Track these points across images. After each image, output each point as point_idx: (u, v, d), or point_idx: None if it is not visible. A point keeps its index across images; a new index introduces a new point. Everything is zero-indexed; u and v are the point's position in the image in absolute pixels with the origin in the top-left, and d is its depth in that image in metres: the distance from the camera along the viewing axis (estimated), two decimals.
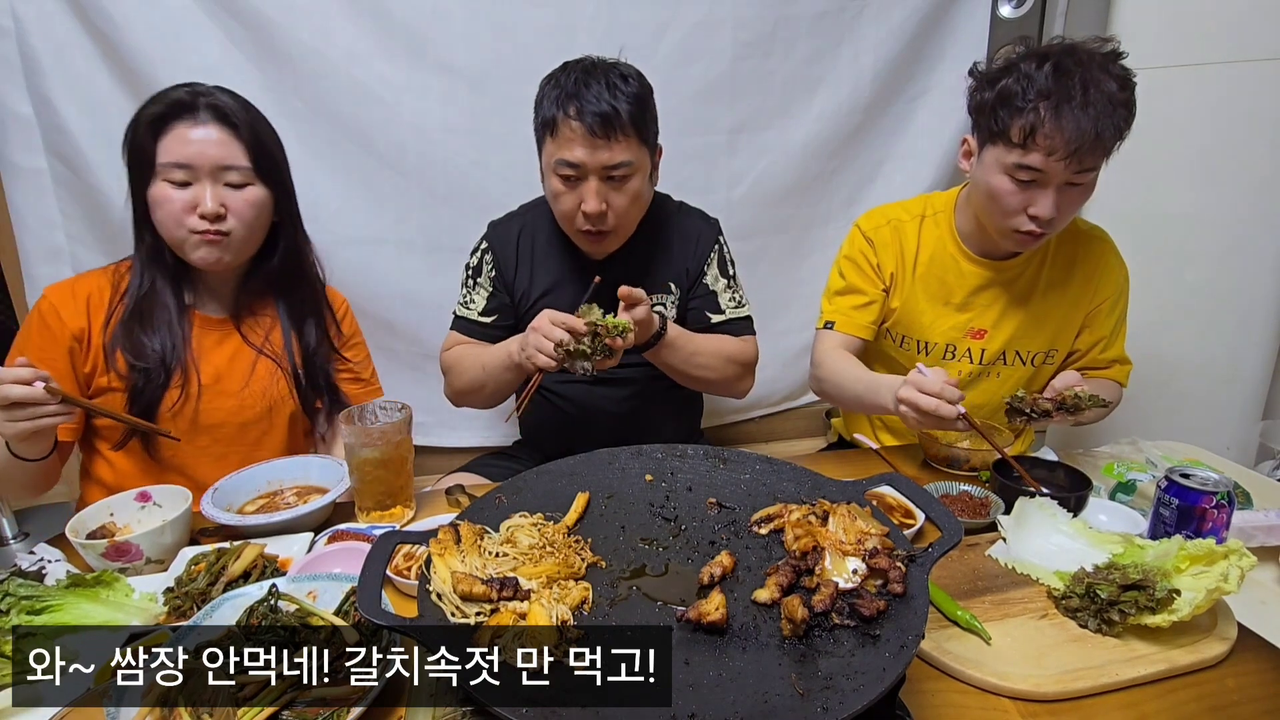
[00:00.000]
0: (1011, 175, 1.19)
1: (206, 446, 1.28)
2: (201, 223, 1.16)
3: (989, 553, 1.00)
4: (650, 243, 1.45)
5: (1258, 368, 2.03)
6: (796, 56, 2.08)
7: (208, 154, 1.16)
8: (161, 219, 1.18)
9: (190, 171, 1.15)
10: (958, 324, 1.41)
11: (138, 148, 1.17)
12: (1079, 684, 0.76)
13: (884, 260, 1.43)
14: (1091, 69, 1.13)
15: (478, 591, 0.69)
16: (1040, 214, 1.18)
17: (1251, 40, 1.82)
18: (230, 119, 1.18)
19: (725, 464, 0.90)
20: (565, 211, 1.32)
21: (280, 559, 0.99)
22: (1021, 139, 1.15)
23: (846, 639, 0.64)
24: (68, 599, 0.85)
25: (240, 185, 1.19)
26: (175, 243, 1.19)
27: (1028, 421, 1.20)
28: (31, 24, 1.75)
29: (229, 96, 1.20)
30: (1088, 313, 1.39)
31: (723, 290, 1.49)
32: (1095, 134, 1.11)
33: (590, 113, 1.21)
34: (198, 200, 1.15)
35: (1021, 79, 1.15)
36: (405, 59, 1.92)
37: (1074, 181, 1.17)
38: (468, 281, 1.51)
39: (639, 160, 1.28)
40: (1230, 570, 0.82)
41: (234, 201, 1.18)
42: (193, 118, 1.16)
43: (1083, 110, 1.10)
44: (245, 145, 1.19)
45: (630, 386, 1.50)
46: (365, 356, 1.49)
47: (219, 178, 1.17)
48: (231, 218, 1.18)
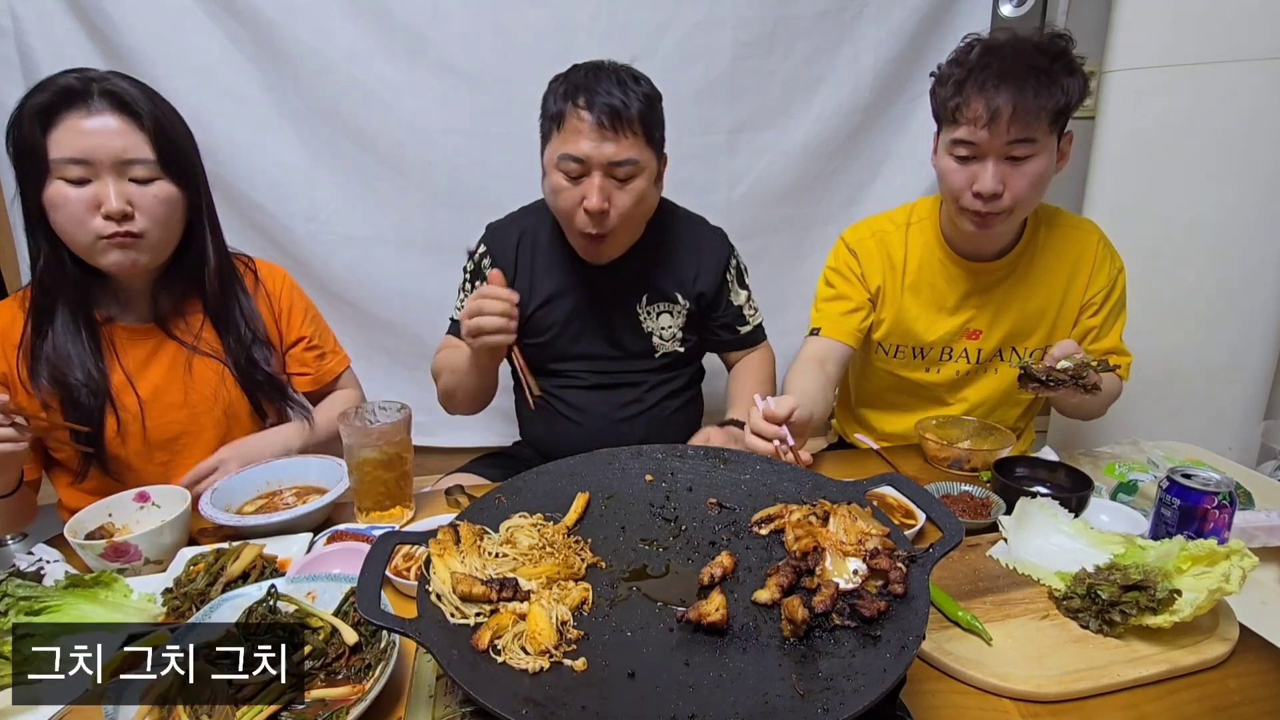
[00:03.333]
0: (952, 153, 1.24)
1: (167, 461, 1.21)
2: (108, 224, 1.04)
3: (990, 553, 1.00)
4: (654, 251, 1.42)
5: (1259, 368, 2.03)
6: (796, 56, 2.08)
7: (107, 146, 1.02)
8: (61, 223, 1.04)
9: (88, 167, 1.02)
10: (953, 327, 1.41)
11: (24, 143, 1.03)
12: (1080, 685, 0.76)
13: (869, 272, 1.44)
14: (1021, 47, 1.18)
15: (477, 592, 0.68)
16: (982, 189, 1.21)
17: (1252, 40, 1.82)
18: (131, 107, 1.04)
19: (725, 464, 0.90)
20: (565, 208, 1.28)
21: (279, 559, 0.98)
22: (952, 115, 1.21)
23: (847, 640, 0.64)
24: (66, 599, 0.85)
25: (146, 180, 1.06)
26: (82, 249, 1.07)
27: (1041, 389, 1.21)
28: (30, 23, 1.75)
29: (128, 82, 1.07)
30: (1081, 304, 1.40)
31: (745, 301, 1.52)
32: (1013, 101, 1.14)
33: (600, 104, 1.19)
34: (100, 199, 1.03)
35: (954, 63, 1.23)
36: (405, 59, 1.92)
37: (1013, 154, 1.20)
38: (465, 285, 1.48)
39: (645, 161, 1.26)
40: (1232, 571, 0.82)
41: (141, 199, 1.06)
42: (86, 106, 1.02)
43: (1000, 79, 1.15)
44: (149, 136, 1.06)
45: (634, 390, 1.49)
46: (320, 328, 1.39)
47: (122, 172, 1.04)
48: (141, 216, 1.06)
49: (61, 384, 1.11)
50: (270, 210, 1.98)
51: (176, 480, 1.17)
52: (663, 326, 1.45)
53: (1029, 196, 1.23)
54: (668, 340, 1.46)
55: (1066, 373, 1.18)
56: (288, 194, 1.98)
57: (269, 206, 1.98)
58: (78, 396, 1.11)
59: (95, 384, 1.12)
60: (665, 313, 1.45)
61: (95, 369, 1.13)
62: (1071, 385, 1.18)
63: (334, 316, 2.12)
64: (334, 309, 2.10)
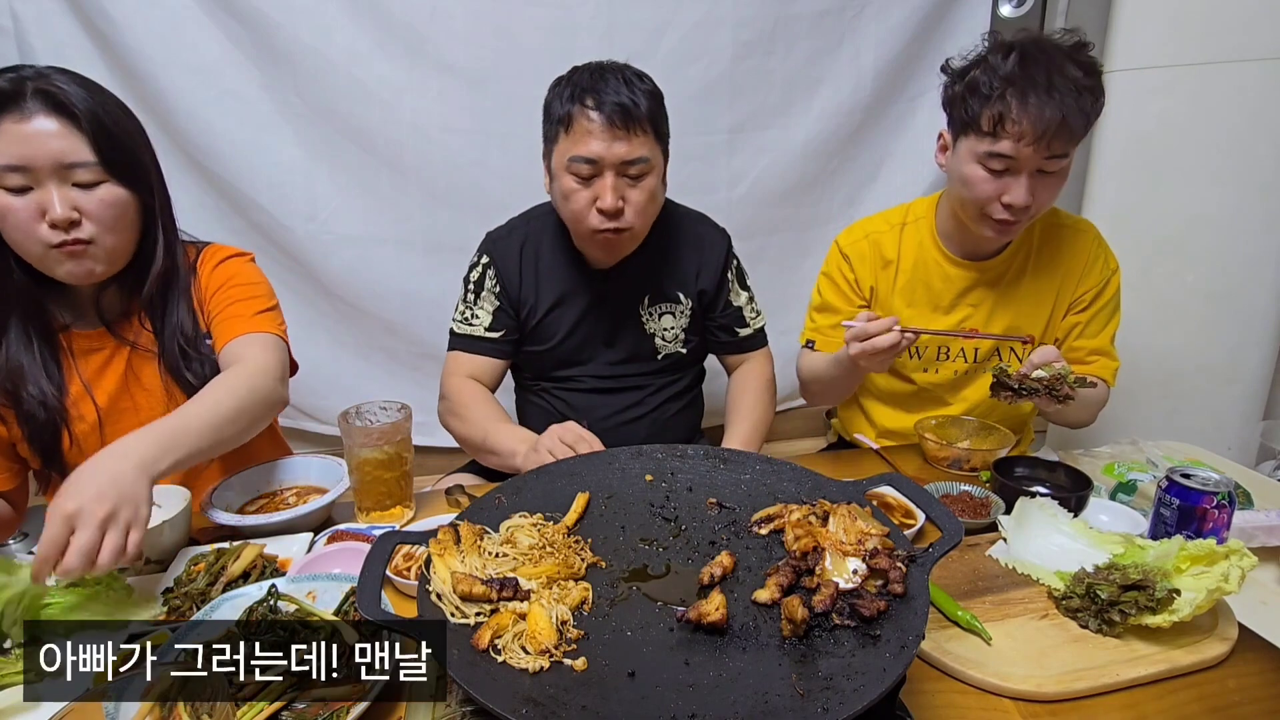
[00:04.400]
0: (984, 164, 1.22)
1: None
2: (55, 233, 0.98)
3: (989, 553, 1.00)
4: (659, 250, 1.42)
5: (1258, 367, 2.03)
6: (796, 56, 2.09)
7: (45, 150, 0.96)
8: (8, 233, 1.00)
9: (29, 174, 0.97)
10: (948, 326, 1.42)
11: None
12: (1079, 684, 0.76)
13: (861, 275, 1.45)
14: (1056, 57, 1.15)
15: (477, 592, 0.68)
16: (1014, 201, 1.20)
17: (1252, 40, 1.82)
18: (67, 107, 0.98)
19: (725, 464, 0.90)
20: (577, 211, 1.25)
21: (280, 559, 0.99)
22: (991, 127, 1.18)
23: (847, 639, 0.64)
24: (67, 598, 0.85)
25: (91, 184, 1.00)
26: (34, 259, 1.02)
27: (1013, 397, 1.19)
28: (31, 24, 1.75)
29: (65, 78, 1.00)
30: (1069, 302, 1.40)
31: (746, 303, 1.50)
32: (1062, 118, 1.13)
33: (610, 103, 1.18)
34: (44, 206, 0.97)
35: (988, 70, 1.19)
36: (405, 59, 1.92)
37: (1046, 169, 1.19)
38: (467, 297, 1.43)
39: (655, 158, 1.25)
40: (1231, 570, 0.82)
41: (87, 204, 1.00)
42: (19, 109, 0.96)
43: (1048, 95, 1.13)
44: (88, 137, 0.99)
45: (636, 394, 1.49)
46: (248, 298, 1.19)
47: (65, 177, 0.98)
48: (89, 223, 1.01)
49: (14, 397, 1.07)
50: (270, 210, 1.98)
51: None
52: (665, 328, 1.45)
53: (1050, 204, 1.25)
54: (670, 342, 1.46)
55: (1041, 382, 1.16)
56: (287, 194, 1.98)
57: (269, 206, 1.98)
58: (31, 410, 1.08)
59: (49, 396, 1.08)
60: (668, 314, 1.44)
61: (49, 382, 1.08)
62: (1045, 395, 1.17)
63: (334, 316, 2.13)
64: (334, 309, 2.10)
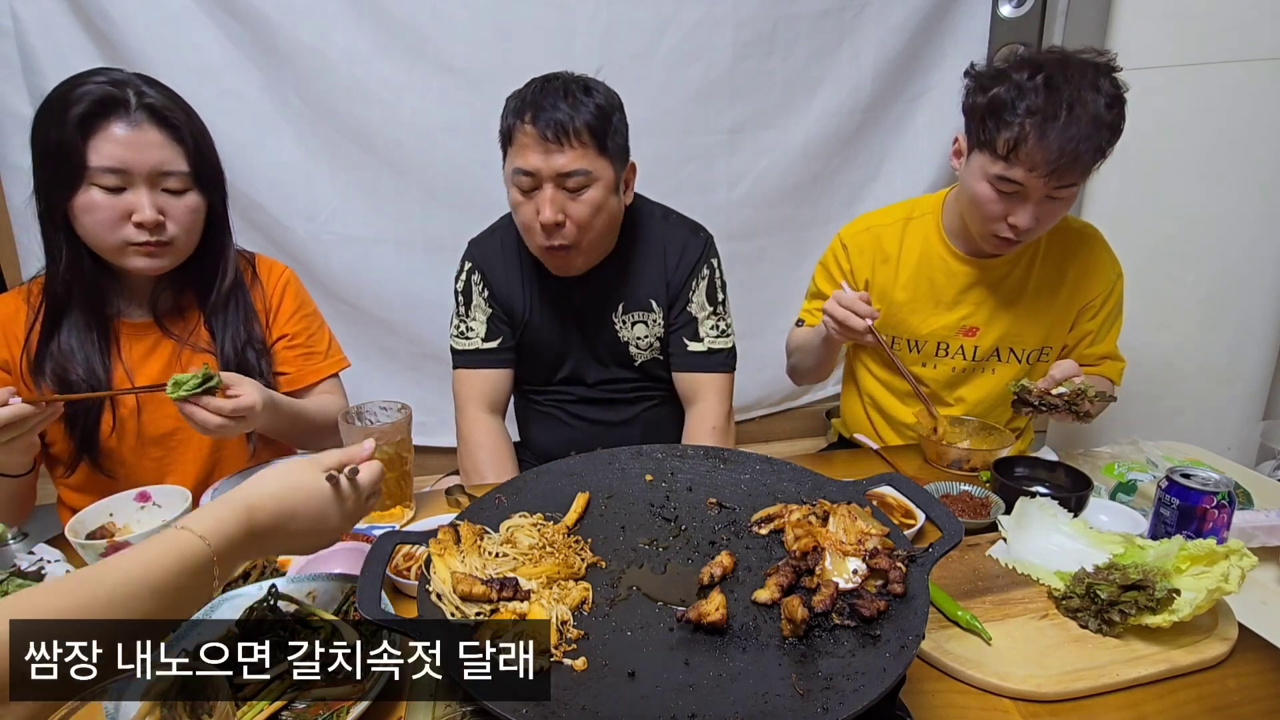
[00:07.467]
0: (994, 185, 1.22)
1: (161, 458, 1.22)
2: (140, 233, 1.05)
3: (989, 553, 1.00)
4: (627, 258, 1.38)
5: (1258, 367, 2.03)
6: (796, 56, 2.09)
7: (146, 158, 1.04)
8: (89, 226, 1.05)
9: (124, 177, 1.03)
10: (949, 322, 1.42)
11: (59, 148, 1.02)
12: (1079, 684, 0.76)
13: (858, 265, 1.46)
14: (1082, 86, 1.14)
15: (477, 592, 0.68)
16: (1019, 224, 1.22)
17: (1252, 40, 1.82)
18: (170, 120, 1.06)
19: (725, 464, 0.90)
20: (524, 222, 1.26)
21: (279, 559, 0.98)
22: (1005, 152, 1.18)
23: (847, 639, 0.64)
24: None
25: (179, 191, 1.08)
26: (107, 251, 1.08)
27: (1034, 413, 1.21)
28: (31, 24, 1.75)
29: (158, 91, 1.07)
30: (1079, 309, 1.40)
31: (705, 318, 1.40)
32: (1076, 154, 1.13)
33: (543, 119, 1.18)
34: (132, 208, 1.04)
35: (1013, 89, 1.17)
36: (405, 59, 1.92)
37: (1054, 195, 1.21)
38: (459, 309, 1.41)
39: (597, 170, 1.22)
40: (1231, 570, 0.82)
41: (173, 208, 1.08)
42: (127, 117, 1.03)
43: (1066, 130, 1.13)
44: (186, 151, 1.08)
45: (636, 406, 1.48)
46: (312, 329, 1.35)
47: (156, 183, 1.06)
48: (172, 224, 1.08)
49: (63, 380, 1.12)
50: (270, 210, 1.98)
51: (170, 477, 1.19)
52: (638, 336, 1.41)
53: (1054, 224, 1.27)
54: (645, 350, 1.42)
55: (1061, 398, 1.19)
56: (288, 194, 1.99)
57: (269, 206, 1.98)
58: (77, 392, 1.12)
59: (97, 380, 1.13)
60: (640, 322, 1.40)
61: (100, 366, 1.14)
62: (1066, 411, 1.19)
63: (334, 316, 2.12)
64: (334, 309, 2.10)
